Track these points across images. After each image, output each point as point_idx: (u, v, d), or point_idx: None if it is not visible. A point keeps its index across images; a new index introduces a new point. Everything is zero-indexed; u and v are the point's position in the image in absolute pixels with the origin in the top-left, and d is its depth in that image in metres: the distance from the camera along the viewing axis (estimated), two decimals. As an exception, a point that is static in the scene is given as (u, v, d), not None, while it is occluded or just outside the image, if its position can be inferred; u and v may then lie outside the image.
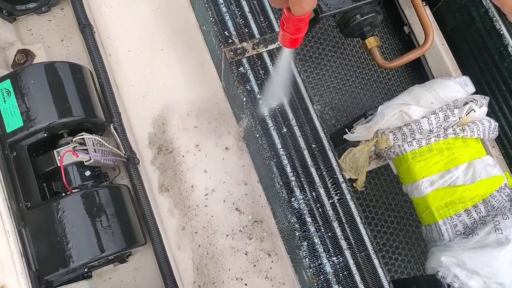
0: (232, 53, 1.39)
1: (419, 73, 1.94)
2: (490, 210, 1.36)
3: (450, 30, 1.75)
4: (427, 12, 1.61)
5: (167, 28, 1.75)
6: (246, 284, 1.54)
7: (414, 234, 1.90)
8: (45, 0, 1.70)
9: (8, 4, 1.65)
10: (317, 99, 1.94)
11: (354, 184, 1.75)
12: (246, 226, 1.59)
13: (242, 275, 1.56)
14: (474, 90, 1.49)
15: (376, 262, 1.29)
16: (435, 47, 1.78)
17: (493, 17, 1.53)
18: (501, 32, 1.52)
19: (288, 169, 1.32)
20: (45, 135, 1.36)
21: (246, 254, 1.57)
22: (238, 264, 1.56)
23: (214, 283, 1.52)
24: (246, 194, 1.59)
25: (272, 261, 1.58)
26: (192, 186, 1.59)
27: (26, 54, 1.67)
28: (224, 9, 1.42)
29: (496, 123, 1.47)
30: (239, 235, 1.57)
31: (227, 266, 1.55)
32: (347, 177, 1.67)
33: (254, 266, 1.58)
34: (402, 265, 1.86)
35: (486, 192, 1.38)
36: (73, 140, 1.37)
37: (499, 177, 1.41)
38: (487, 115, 1.49)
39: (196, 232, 1.57)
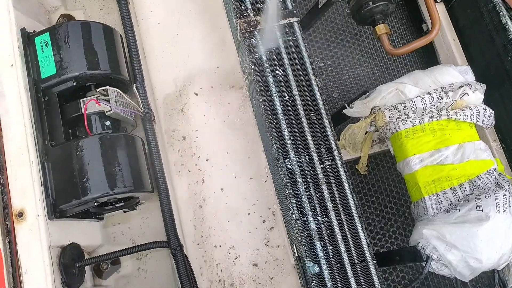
0: (246, 25, 1.53)
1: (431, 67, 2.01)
2: (474, 189, 1.42)
3: (461, 26, 1.82)
4: (434, 3, 1.69)
5: (195, 6, 1.91)
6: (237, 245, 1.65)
7: (412, 222, 1.95)
8: (89, -27, 1.90)
9: (57, -27, 1.86)
10: (331, 84, 2.05)
11: (356, 166, 1.84)
12: (249, 190, 1.70)
13: (239, 233, 1.67)
14: (473, 79, 1.56)
15: (358, 225, 1.38)
16: (446, 42, 1.85)
17: (500, 11, 1.59)
18: (507, 27, 1.58)
19: (286, 132, 1.44)
20: (74, 84, 1.53)
21: (247, 214, 1.68)
22: (236, 224, 1.68)
23: (210, 235, 1.64)
24: (248, 158, 1.70)
25: (270, 223, 1.69)
26: (201, 150, 1.72)
27: (68, 18, 1.87)
28: (242, -15, 1.56)
29: (492, 111, 1.53)
30: (241, 196, 1.69)
31: (226, 225, 1.67)
32: (347, 157, 1.76)
33: (255, 227, 1.69)
34: (397, 249, 1.92)
35: (473, 173, 1.44)
36: (97, 90, 1.53)
37: (488, 161, 1.47)
38: (490, 107, 1.55)
39: (201, 192, 1.70)
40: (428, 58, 2.04)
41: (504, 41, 1.60)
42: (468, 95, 1.44)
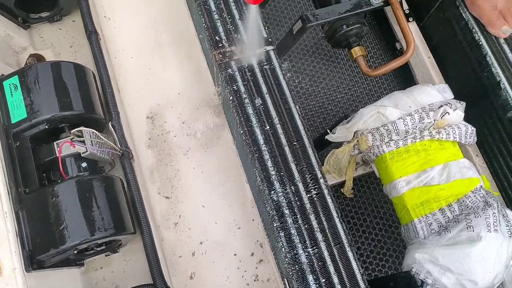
0: (221, 56, 1.50)
1: (408, 86, 2.01)
2: (464, 209, 1.41)
3: (435, 44, 1.83)
4: (407, 24, 1.69)
5: (168, 37, 1.88)
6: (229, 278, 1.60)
7: (402, 243, 1.93)
8: (57, 10, 1.86)
9: (23, 12, 1.81)
10: (309, 108, 2.03)
11: (341, 190, 1.81)
12: (235, 220, 1.66)
13: (228, 270, 1.62)
14: (452, 97, 1.56)
15: (350, 254, 1.34)
16: (421, 60, 1.86)
17: (473, 28, 1.61)
18: (480, 43, 1.59)
19: (269, 163, 1.40)
20: (47, 126, 1.47)
21: (234, 248, 1.63)
22: (224, 259, 1.62)
23: (198, 273, 1.58)
24: (232, 190, 1.67)
25: (258, 256, 1.64)
26: (182, 177, 1.67)
27: (37, 58, 1.82)
28: (216, 16, 1.54)
29: (473, 128, 1.53)
30: (228, 228, 1.64)
31: (213, 262, 1.61)
32: (332, 181, 1.74)
33: (244, 263, 1.64)
34: (389, 272, 1.89)
35: (461, 192, 1.43)
36: (72, 132, 1.48)
37: (475, 179, 1.46)
38: (470, 123, 1.55)
39: (189, 228, 1.64)
40: (404, 77, 2.05)
41: (479, 57, 1.61)
42: (449, 114, 1.44)
